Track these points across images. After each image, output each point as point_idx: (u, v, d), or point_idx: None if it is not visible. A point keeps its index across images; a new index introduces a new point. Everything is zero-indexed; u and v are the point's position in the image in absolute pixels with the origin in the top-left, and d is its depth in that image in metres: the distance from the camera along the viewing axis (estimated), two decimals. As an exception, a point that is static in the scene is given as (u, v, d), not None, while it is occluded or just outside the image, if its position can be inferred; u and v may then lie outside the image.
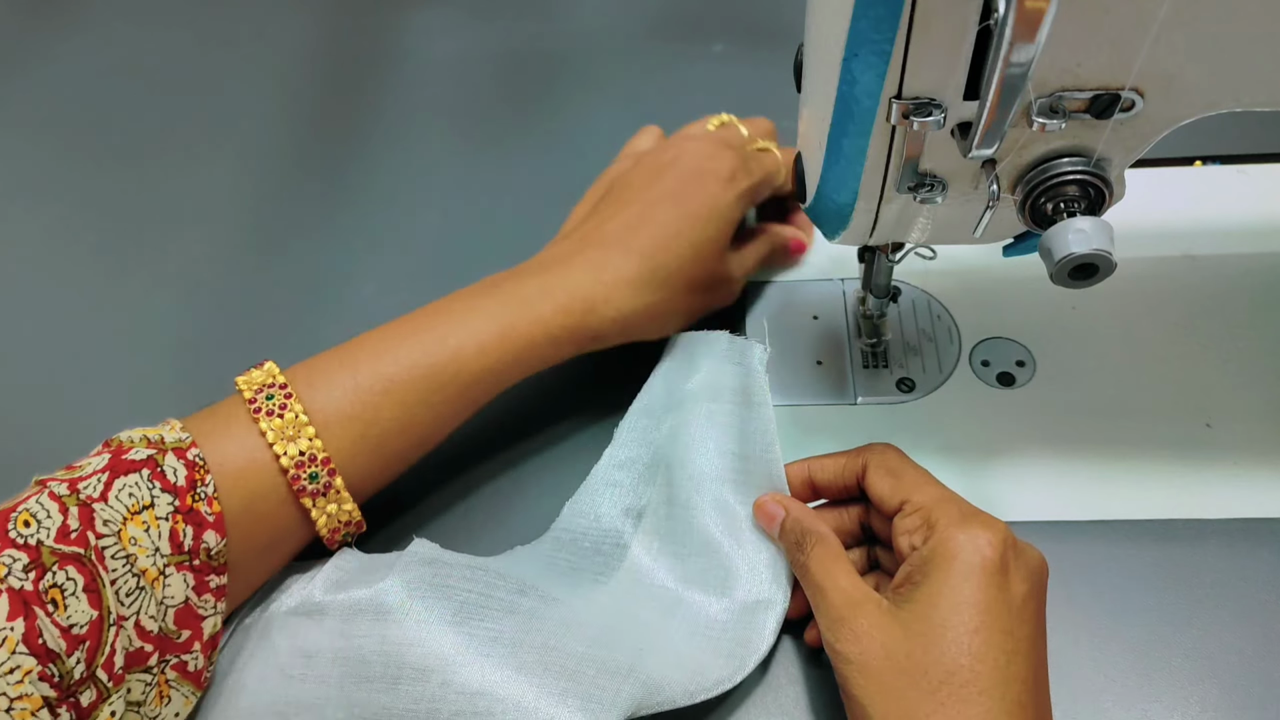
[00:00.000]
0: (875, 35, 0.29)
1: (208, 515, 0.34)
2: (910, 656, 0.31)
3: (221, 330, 0.53)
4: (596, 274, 0.41)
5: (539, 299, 0.41)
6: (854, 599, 0.33)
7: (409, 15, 0.72)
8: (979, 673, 0.30)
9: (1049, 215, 0.33)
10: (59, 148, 0.64)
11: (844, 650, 0.32)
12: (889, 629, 0.32)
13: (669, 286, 0.43)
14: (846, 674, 0.32)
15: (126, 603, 0.31)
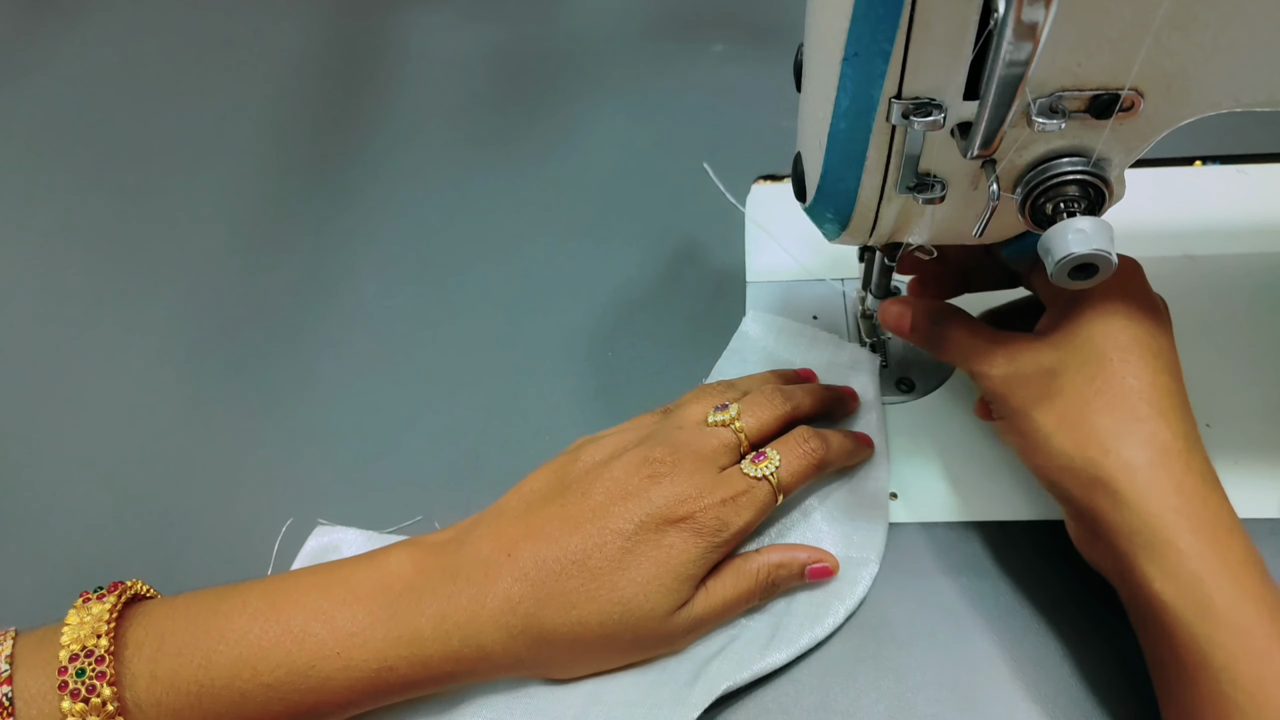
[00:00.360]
0: (875, 35, 0.29)
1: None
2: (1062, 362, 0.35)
3: (222, 330, 0.53)
4: (503, 616, 0.35)
5: (431, 637, 0.34)
6: (999, 336, 0.37)
7: (409, 15, 0.72)
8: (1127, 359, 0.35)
9: (1049, 215, 0.33)
10: (59, 148, 0.64)
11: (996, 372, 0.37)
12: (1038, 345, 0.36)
13: (583, 646, 0.36)
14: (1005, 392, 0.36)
15: None
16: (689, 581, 0.36)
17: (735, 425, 0.40)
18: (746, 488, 0.38)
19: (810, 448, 0.39)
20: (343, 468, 0.46)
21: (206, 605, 0.34)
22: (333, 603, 0.34)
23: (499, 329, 0.52)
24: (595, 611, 0.35)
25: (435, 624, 0.34)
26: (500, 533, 0.37)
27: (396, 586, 0.35)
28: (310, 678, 0.33)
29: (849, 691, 0.37)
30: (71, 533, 0.45)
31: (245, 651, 0.33)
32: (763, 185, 0.57)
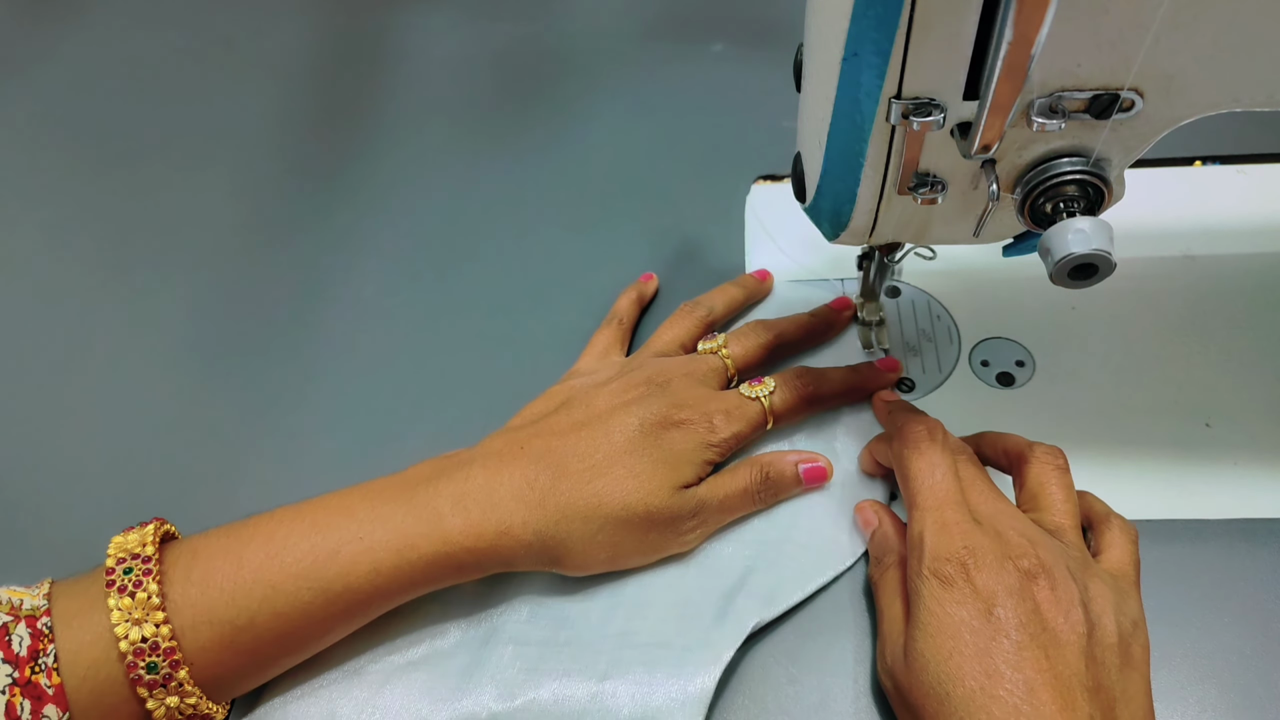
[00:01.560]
0: (875, 35, 0.29)
1: (47, 688, 0.32)
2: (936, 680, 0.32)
3: (222, 330, 0.53)
4: (521, 491, 0.37)
5: (450, 513, 0.36)
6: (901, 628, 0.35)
7: (409, 15, 0.72)
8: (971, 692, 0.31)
9: (1048, 215, 0.33)
10: (59, 147, 0.64)
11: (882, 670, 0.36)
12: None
13: (599, 519, 0.37)
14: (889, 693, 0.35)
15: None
16: (689, 465, 0.39)
17: (722, 353, 0.44)
18: (739, 403, 0.41)
19: (802, 382, 0.42)
20: (343, 467, 0.46)
21: (237, 525, 0.36)
22: (355, 499, 0.36)
23: (499, 328, 0.52)
24: (609, 485, 0.37)
25: (453, 501, 0.36)
26: (510, 437, 0.39)
27: (414, 478, 0.37)
28: (335, 563, 0.35)
29: (849, 692, 0.37)
30: (71, 532, 0.45)
31: (273, 547, 0.35)
32: (763, 185, 0.57)
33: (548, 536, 0.36)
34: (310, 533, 0.35)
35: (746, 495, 0.40)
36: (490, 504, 0.36)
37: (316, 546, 0.35)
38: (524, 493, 0.37)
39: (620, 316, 0.49)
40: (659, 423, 0.39)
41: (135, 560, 0.33)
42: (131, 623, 0.32)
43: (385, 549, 0.35)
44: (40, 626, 0.32)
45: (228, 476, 0.46)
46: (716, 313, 0.47)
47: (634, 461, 0.38)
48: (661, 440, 0.39)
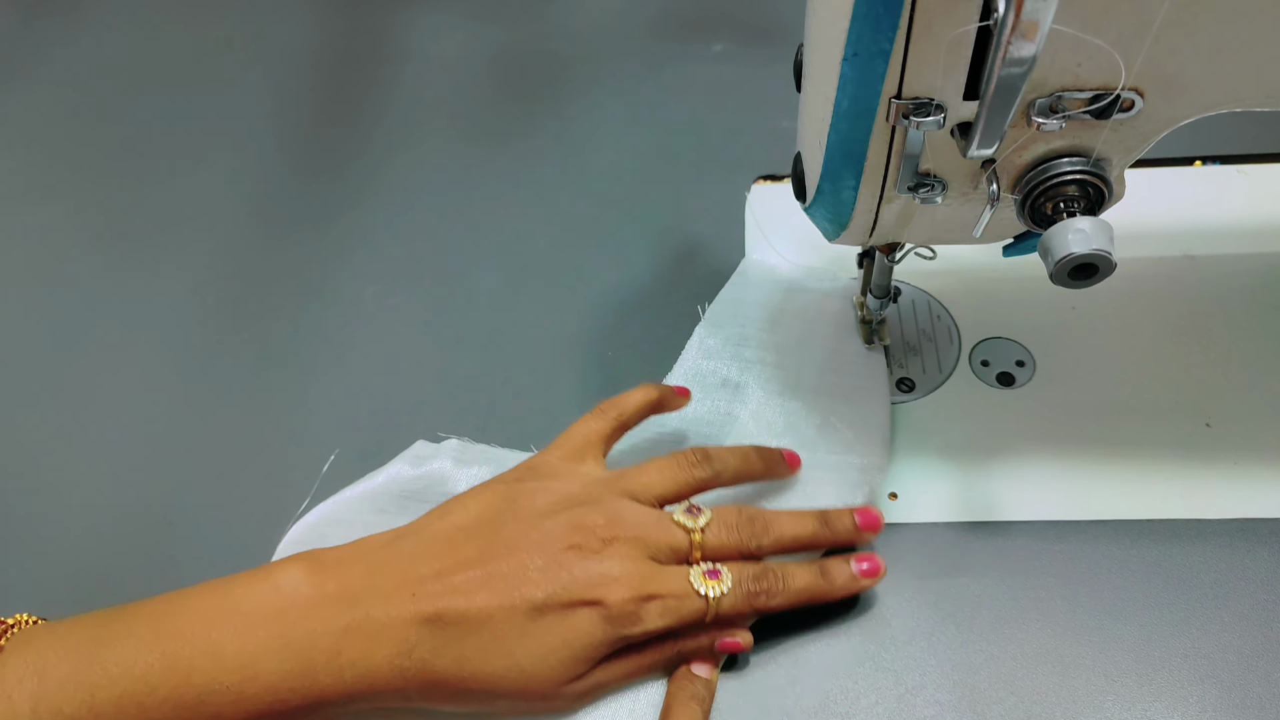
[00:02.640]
0: (875, 35, 0.29)
1: None
2: None
3: (221, 330, 0.53)
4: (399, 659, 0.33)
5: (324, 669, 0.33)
6: None
7: (409, 15, 0.72)
8: None
9: (1049, 215, 0.33)
10: (59, 148, 0.64)
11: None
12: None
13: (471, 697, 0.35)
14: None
15: None
16: (586, 662, 0.35)
17: (695, 538, 0.37)
18: (683, 593, 0.36)
19: (758, 588, 0.37)
20: (343, 467, 0.46)
21: (90, 634, 0.33)
22: (222, 633, 0.33)
23: (499, 328, 0.52)
24: (489, 672, 0.34)
25: (329, 658, 0.33)
26: (410, 568, 0.35)
27: (291, 614, 0.33)
28: (199, 712, 0.32)
29: (849, 693, 0.37)
30: (70, 531, 0.45)
31: (130, 686, 0.31)
32: (763, 185, 0.57)
33: (416, 700, 0.35)
34: (170, 675, 0.32)
35: (652, 669, 0.37)
36: (366, 668, 0.33)
37: (179, 692, 0.32)
38: (401, 662, 0.34)
39: (621, 414, 0.41)
40: (568, 602, 0.34)
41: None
42: None
43: (254, 702, 0.32)
44: None
45: (225, 475, 0.46)
46: (724, 479, 0.40)
47: (520, 651, 0.34)
48: (561, 626, 0.34)
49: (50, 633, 0.33)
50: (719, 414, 0.46)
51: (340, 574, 0.35)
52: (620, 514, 0.37)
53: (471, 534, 0.36)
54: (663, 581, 0.36)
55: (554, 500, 0.37)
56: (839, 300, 0.49)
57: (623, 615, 0.35)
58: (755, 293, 0.51)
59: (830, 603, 0.39)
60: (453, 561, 0.35)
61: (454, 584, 0.34)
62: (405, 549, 0.36)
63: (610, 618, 0.34)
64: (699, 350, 0.48)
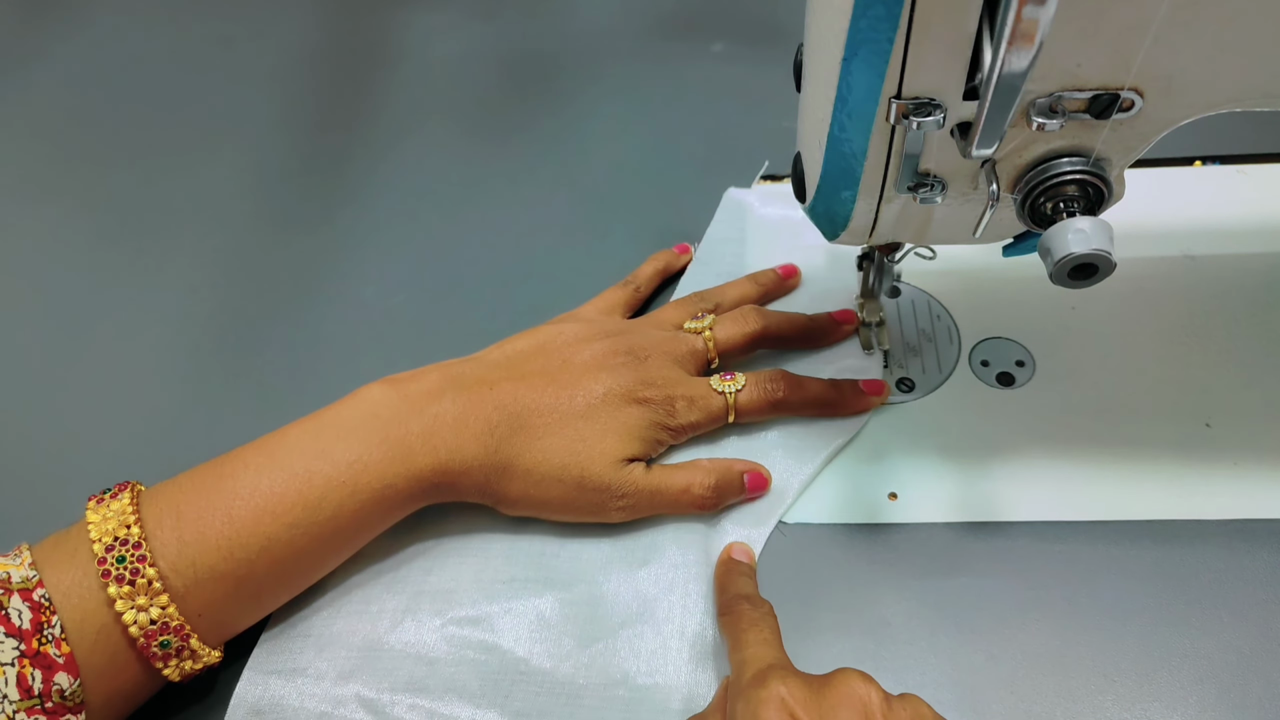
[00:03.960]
0: (875, 35, 0.29)
1: (57, 657, 0.32)
2: None
3: (222, 331, 0.53)
4: (480, 435, 0.39)
5: (421, 451, 0.38)
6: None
7: (410, 15, 0.72)
8: None
9: (1048, 215, 0.33)
10: (58, 148, 0.64)
11: None
12: None
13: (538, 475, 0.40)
14: None
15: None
16: (638, 441, 0.41)
17: (706, 334, 0.45)
18: (705, 393, 0.43)
19: (773, 386, 0.43)
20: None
21: (210, 474, 0.37)
22: (327, 441, 0.38)
23: (499, 328, 0.51)
24: (557, 443, 0.39)
25: (423, 440, 0.38)
26: (484, 372, 0.41)
27: (384, 414, 0.39)
28: (324, 509, 0.37)
29: (849, 691, 0.37)
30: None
31: (261, 501, 0.36)
32: (763, 185, 0.57)
33: (494, 479, 0.39)
34: (294, 482, 0.36)
35: (687, 493, 0.41)
36: (455, 445, 0.38)
37: (304, 496, 0.36)
38: (483, 437, 0.39)
39: (638, 283, 0.50)
40: (622, 396, 0.41)
41: (125, 547, 0.34)
42: (137, 609, 0.33)
43: (367, 491, 0.37)
44: (38, 599, 0.33)
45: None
46: (724, 309, 0.48)
47: (585, 427, 0.40)
48: (618, 413, 0.41)
49: (173, 484, 0.37)
50: None
51: (420, 381, 0.40)
52: (650, 336, 0.44)
53: (531, 355, 0.43)
54: (689, 385, 0.43)
55: (596, 331, 0.44)
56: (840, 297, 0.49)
57: (665, 407, 0.42)
58: (744, 233, 0.54)
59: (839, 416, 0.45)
60: (520, 369, 0.42)
61: (525, 379, 0.41)
62: (473, 364, 0.42)
63: (655, 409, 0.41)
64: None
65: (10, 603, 0.32)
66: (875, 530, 0.42)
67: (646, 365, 0.42)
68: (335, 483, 0.37)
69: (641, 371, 0.42)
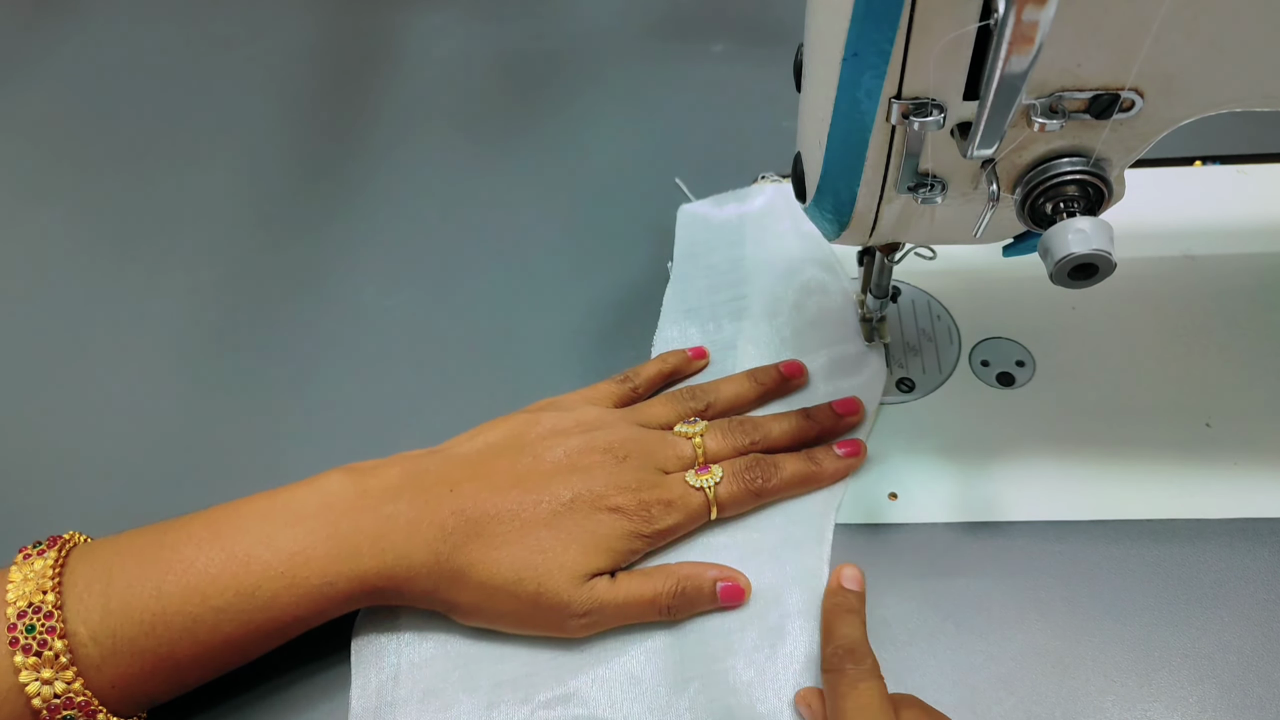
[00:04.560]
0: (875, 35, 0.29)
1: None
2: None
3: (221, 331, 0.53)
4: (433, 541, 0.36)
5: (369, 554, 0.36)
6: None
7: (409, 15, 0.72)
8: None
9: (1049, 215, 0.33)
10: (57, 149, 0.64)
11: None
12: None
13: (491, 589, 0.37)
14: None
15: None
16: (606, 554, 0.38)
17: (696, 441, 0.41)
18: (682, 493, 0.40)
19: (751, 475, 0.40)
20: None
21: (151, 539, 0.35)
22: (275, 526, 0.36)
23: (499, 329, 0.52)
24: (514, 553, 0.37)
25: (373, 542, 0.36)
26: (447, 471, 0.39)
27: (338, 506, 0.37)
28: (257, 598, 0.35)
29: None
30: (65, 528, 0.44)
31: (194, 579, 0.34)
32: (763, 185, 0.57)
33: (444, 587, 0.37)
34: (230, 564, 0.35)
35: (654, 605, 0.38)
36: (405, 550, 0.36)
37: (239, 580, 0.34)
38: (435, 543, 0.36)
39: (636, 382, 0.45)
40: (592, 502, 0.38)
41: (37, 615, 0.32)
42: (41, 681, 0.32)
43: (305, 585, 0.35)
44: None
45: (223, 474, 0.46)
46: (717, 409, 0.44)
47: (547, 537, 0.37)
48: (586, 521, 0.38)
49: (112, 543, 0.35)
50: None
51: (380, 476, 0.38)
52: (632, 435, 0.41)
53: (501, 449, 0.40)
54: (665, 487, 0.40)
55: (575, 424, 0.41)
56: (839, 298, 0.49)
57: (640, 515, 0.38)
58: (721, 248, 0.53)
59: (821, 488, 0.42)
60: (487, 467, 0.39)
61: (489, 482, 0.38)
62: (438, 460, 0.40)
63: (629, 517, 0.38)
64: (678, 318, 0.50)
65: None
66: (875, 530, 0.42)
67: (624, 467, 0.39)
68: (274, 572, 0.35)
69: (617, 474, 0.39)
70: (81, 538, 0.36)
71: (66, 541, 0.35)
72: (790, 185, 0.39)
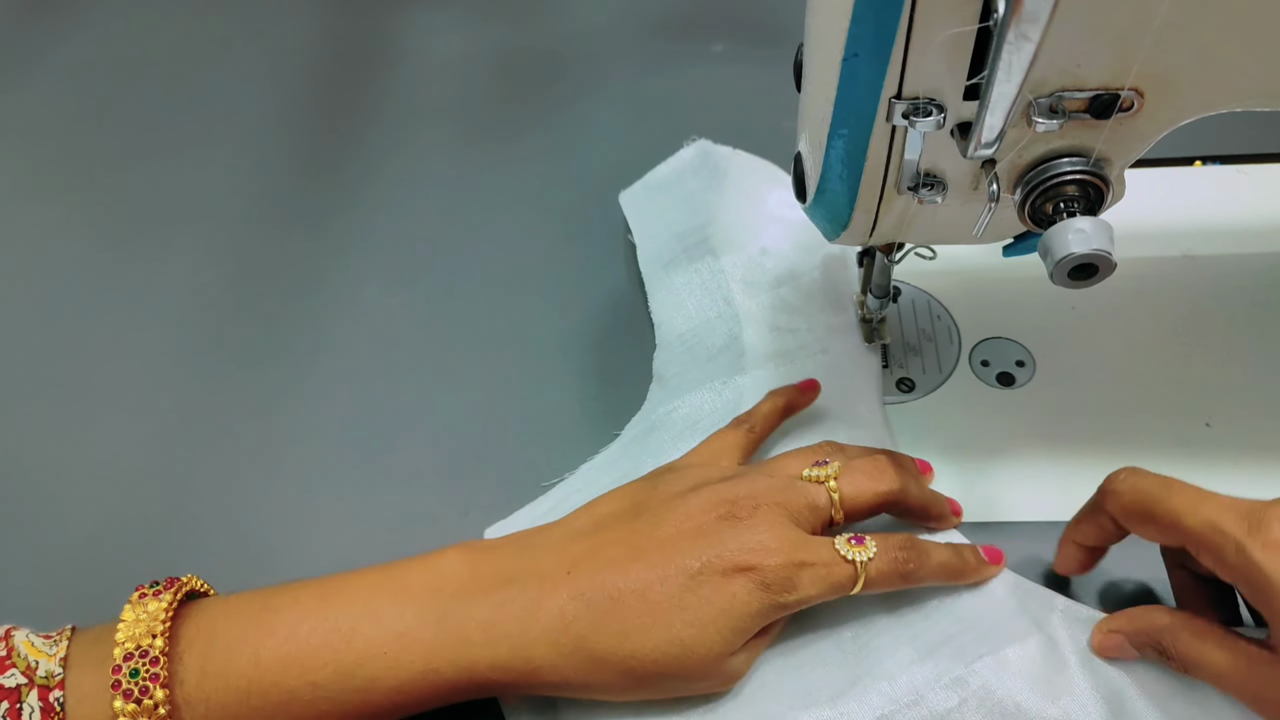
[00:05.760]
0: (875, 35, 0.30)
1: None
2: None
3: (220, 330, 0.53)
4: (554, 633, 0.33)
5: (480, 642, 0.33)
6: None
7: (409, 15, 0.72)
8: None
9: (1049, 215, 0.33)
10: (58, 147, 0.64)
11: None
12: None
13: (634, 677, 0.34)
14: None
15: None
16: (745, 633, 0.34)
17: (830, 484, 0.37)
18: (831, 561, 0.35)
19: (903, 555, 0.36)
20: (342, 468, 0.46)
21: (259, 602, 0.34)
22: (383, 602, 0.34)
23: (499, 329, 0.52)
24: (649, 647, 0.33)
25: (484, 630, 0.33)
26: (563, 549, 0.36)
27: (449, 589, 0.34)
28: (357, 677, 0.33)
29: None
30: (69, 528, 0.45)
31: (294, 649, 0.33)
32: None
33: (575, 683, 0.34)
34: (332, 638, 0.33)
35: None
36: (522, 642, 0.33)
37: (339, 656, 0.33)
38: (558, 637, 0.33)
39: (752, 424, 0.42)
40: (724, 568, 0.34)
41: (144, 660, 0.31)
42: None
43: (409, 669, 0.33)
44: (52, 701, 0.31)
45: (223, 474, 0.46)
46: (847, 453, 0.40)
47: (679, 623, 0.33)
48: (719, 591, 0.34)
49: (221, 602, 0.34)
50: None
51: (494, 557, 0.36)
52: (759, 484, 0.37)
53: (619, 518, 0.37)
54: (812, 549, 0.35)
55: (695, 482, 0.37)
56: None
57: (779, 581, 0.34)
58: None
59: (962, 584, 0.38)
60: (604, 540, 0.36)
61: (608, 558, 0.35)
62: (555, 535, 0.37)
63: (766, 584, 0.34)
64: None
65: (28, 697, 0.31)
66: (875, 530, 0.42)
67: (755, 522, 0.35)
68: (376, 651, 0.33)
69: (750, 533, 0.35)
70: (199, 583, 0.35)
71: (183, 585, 0.34)
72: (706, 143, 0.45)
